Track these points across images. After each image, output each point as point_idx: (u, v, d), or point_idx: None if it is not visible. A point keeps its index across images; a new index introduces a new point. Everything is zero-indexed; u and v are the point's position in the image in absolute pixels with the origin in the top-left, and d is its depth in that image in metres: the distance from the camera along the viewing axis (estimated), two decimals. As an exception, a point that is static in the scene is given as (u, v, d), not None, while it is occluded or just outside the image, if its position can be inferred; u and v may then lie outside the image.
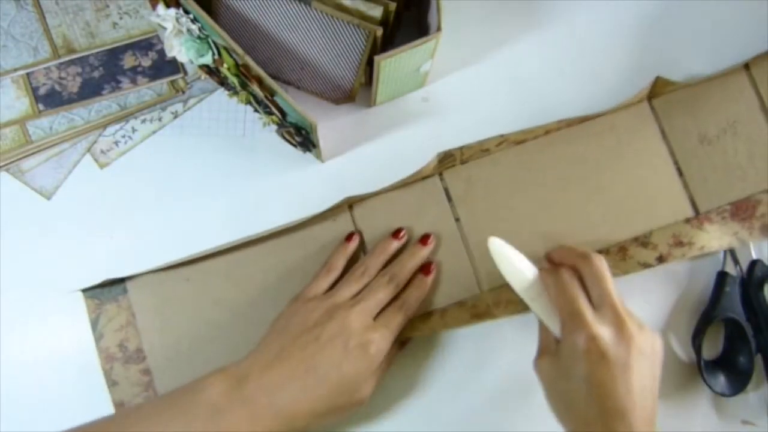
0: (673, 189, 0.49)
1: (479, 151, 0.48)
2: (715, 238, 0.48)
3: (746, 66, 0.51)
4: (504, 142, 0.48)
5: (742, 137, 0.50)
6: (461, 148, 0.47)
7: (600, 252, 0.48)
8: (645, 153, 0.50)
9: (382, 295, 0.45)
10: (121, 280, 0.48)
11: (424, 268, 0.47)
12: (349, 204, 0.49)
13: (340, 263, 0.47)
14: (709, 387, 0.46)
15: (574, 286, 0.42)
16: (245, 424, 0.39)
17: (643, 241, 0.48)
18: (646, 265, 0.48)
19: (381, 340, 0.43)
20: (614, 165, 0.49)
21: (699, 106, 0.50)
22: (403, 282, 0.46)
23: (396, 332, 0.44)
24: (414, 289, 0.46)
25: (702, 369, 0.46)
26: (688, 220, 0.49)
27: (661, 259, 0.48)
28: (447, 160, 0.48)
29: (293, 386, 0.40)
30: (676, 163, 0.49)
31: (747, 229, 0.49)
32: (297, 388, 0.40)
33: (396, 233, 0.48)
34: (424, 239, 0.48)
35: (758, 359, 0.46)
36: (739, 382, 0.46)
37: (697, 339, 0.47)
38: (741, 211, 0.49)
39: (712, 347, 0.48)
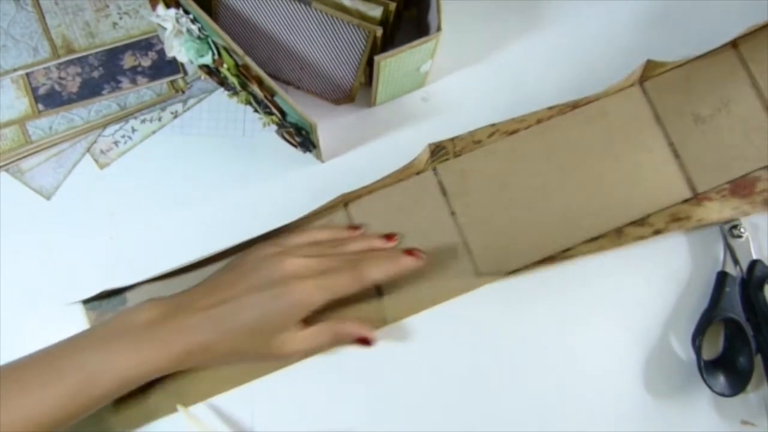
0: (669, 171, 0.49)
1: (471, 142, 0.48)
2: (715, 211, 0.48)
3: (734, 44, 0.51)
4: (496, 132, 0.48)
5: (736, 115, 0.50)
6: (453, 140, 0.47)
7: (596, 237, 0.48)
8: (639, 137, 0.50)
9: (332, 267, 0.43)
10: (121, 291, 0.48)
11: (410, 251, 0.45)
12: (345, 201, 0.49)
13: (321, 235, 0.46)
14: (709, 387, 0.45)
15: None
16: (179, 342, 0.40)
17: (639, 222, 0.49)
18: (641, 238, 0.48)
19: (306, 292, 0.41)
20: (608, 151, 0.49)
21: (691, 86, 0.50)
22: None
23: (329, 293, 0.42)
24: (380, 260, 0.44)
25: (702, 369, 0.46)
26: (686, 201, 0.49)
27: (657, 232, 0.48)
28: (440, 152, 0.48)
29: (212, 317, 0.41)
30: (671, 145, 0.49)
31: (749, 204, 0.49)
32: (215, 319, 0.41)
33: (389, 236, 0.47)
34: (409, 252, 0.45)
35: (758, 359, 0.46)
36: (738, 382, 0.46)
37: (696, 339, 0.47)
38: (740, 188, 0.49)
39: (712, 347, 0.48)
